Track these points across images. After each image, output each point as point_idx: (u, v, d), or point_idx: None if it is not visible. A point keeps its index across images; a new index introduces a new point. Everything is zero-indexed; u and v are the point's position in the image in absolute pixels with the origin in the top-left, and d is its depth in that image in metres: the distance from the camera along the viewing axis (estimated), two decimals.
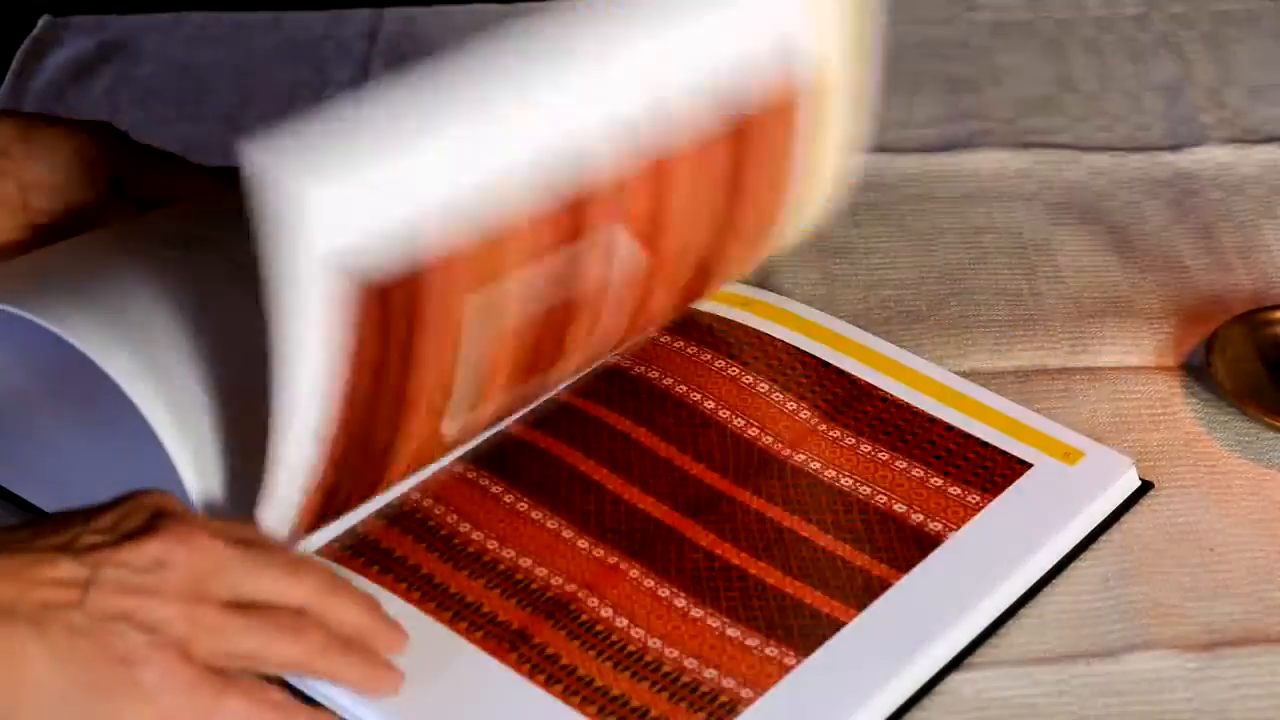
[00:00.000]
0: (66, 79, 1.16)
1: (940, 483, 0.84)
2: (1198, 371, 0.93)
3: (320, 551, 0.80)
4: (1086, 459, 0.85)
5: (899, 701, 0.75)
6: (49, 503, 0.83)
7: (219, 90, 1.16)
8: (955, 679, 0.77)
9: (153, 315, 0.77)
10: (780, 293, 0.97)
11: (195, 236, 0.82)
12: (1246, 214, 1.04)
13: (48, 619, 0.66)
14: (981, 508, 0.83)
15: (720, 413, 0.88)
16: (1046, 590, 0.81)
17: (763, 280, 0.99)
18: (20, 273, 0.81)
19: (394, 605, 0.77)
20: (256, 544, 0.71)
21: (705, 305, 0.94)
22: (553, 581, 0.79)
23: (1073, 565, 0.82)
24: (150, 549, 0.68)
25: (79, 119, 0.89)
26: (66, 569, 0.67)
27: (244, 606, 0.70)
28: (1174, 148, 1.10)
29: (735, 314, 0.94)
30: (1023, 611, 0.80)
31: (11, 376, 0.89)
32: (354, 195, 0.67)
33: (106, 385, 0.75)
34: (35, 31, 1.20)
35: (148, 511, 0.70)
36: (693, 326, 0.93)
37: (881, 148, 1.10)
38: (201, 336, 0.77)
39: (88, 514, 0.70)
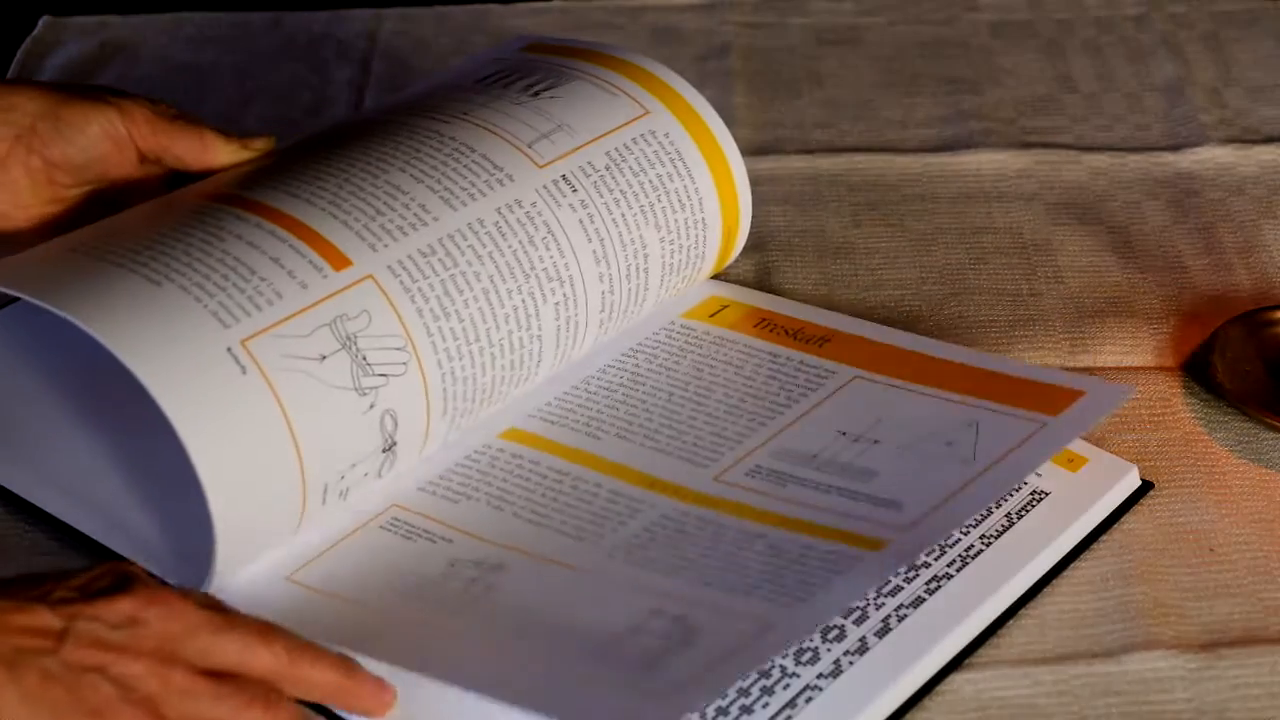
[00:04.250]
0: (67, 80, 1.16)
1: None
2: (1198, 371, 0.93)
3: None
4: (1090, 465, 0.85)
5: (900, 701, 0.75)
6: (50, 503, 0.83)
7: (219, 90, 1.16)
8: (956, 679, 0.77)
9: (175, 308, 0.77)
10: (780, 293, 0.97)
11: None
12: (1246, 214, 1.04)
13: (22, 663, 0.66)
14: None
15: None
16: (1047, 590, 0.81)
17: (762, 281, 0.99)
18: (45, 260, 0.80)
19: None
20: (225, 610, 0.71)
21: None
22: None
23: (1073, 565, 0.82)
24: (123, 607, 0.68)
25: (110, 91, 0.88)
26: (42, 618, 0.67)
27: (214, 674, 0.69)
28: (1174, 148, 1.10)
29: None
30: (1023, 611, 0.80)
31: (19, 371, 0.89)
32: None
33: (122, 380, 0.75)
34: (35, 32, 1.20)
35: (117, 575, 0.70)
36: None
37: (881, 148, 1.10)
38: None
39: (58, 575, 0.70)
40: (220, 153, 0.87)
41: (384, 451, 0.80)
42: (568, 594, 0.77)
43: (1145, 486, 0.86)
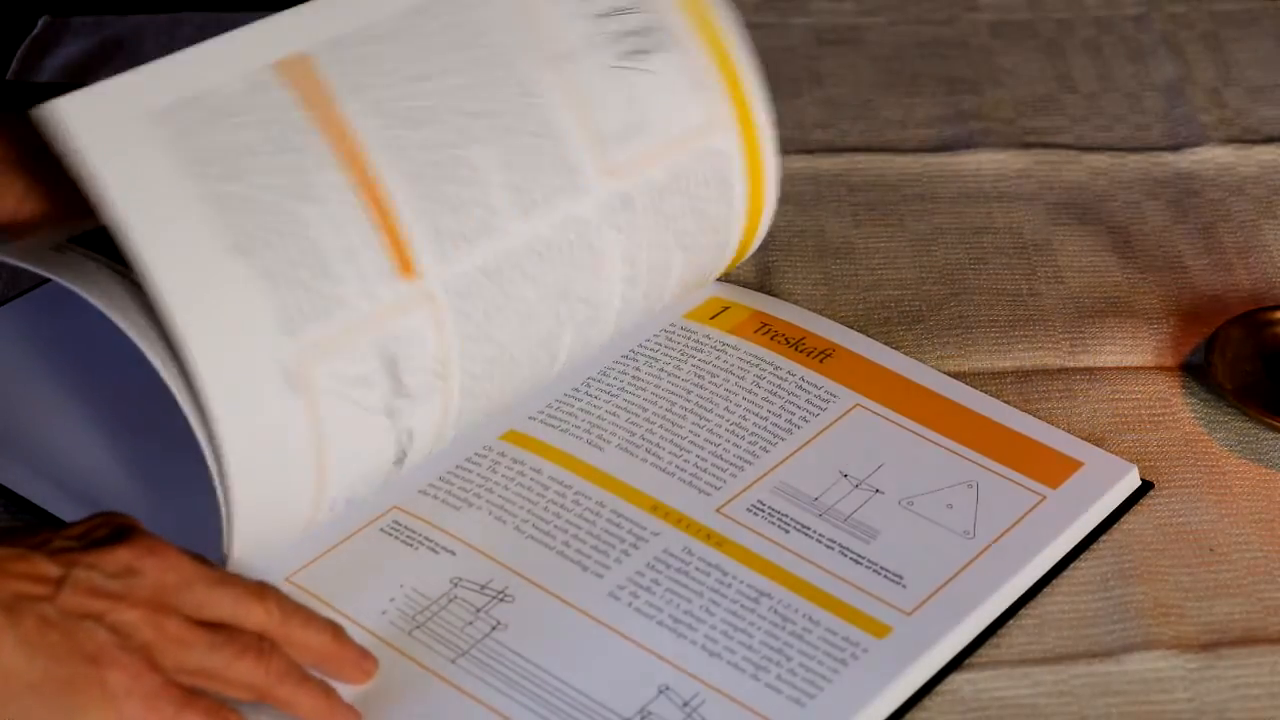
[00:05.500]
0: (66, 79, 1.16)
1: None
2: (1197, 371, 0.93)
3: None
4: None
5: (900, 701, 0.76)
6: (50, 502, 0.83)
7: None
8: (956, 679, 0.77)
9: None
10: (779, 293, 0.97)
11: None
12: (1246, 214, 1.04)
13: (21, 609, 0.67)
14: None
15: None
16: (1047, 590, 0.81)
17: (762, 281, 0.99)
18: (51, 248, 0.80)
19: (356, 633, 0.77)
20: (219, 569, 0.72)
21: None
22: None
23: (1073, 565, 0.82)
24: (121, 556, 0.69)
25: None
26: (41, 565, 0.68)
27: (208, 625, 0.70)
28: (1174, 148, 1.10)
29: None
30: (1023, 612, 0.80)
31: (18, 369, 0.89)
32: None
33: (127, 378, 0.75)
34: (35, 32, 1.20)
35: (114, 526, 0.71)
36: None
37: (881, 148, 1.10)
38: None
39: (56, 526, 0.71)
40: None
41: (394, 464, 0.80)
42: (574, 650, 0.77)
43: (1145, 486, 0.86)
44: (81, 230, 0.79)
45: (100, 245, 0.77)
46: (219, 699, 0.70)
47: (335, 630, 0.74)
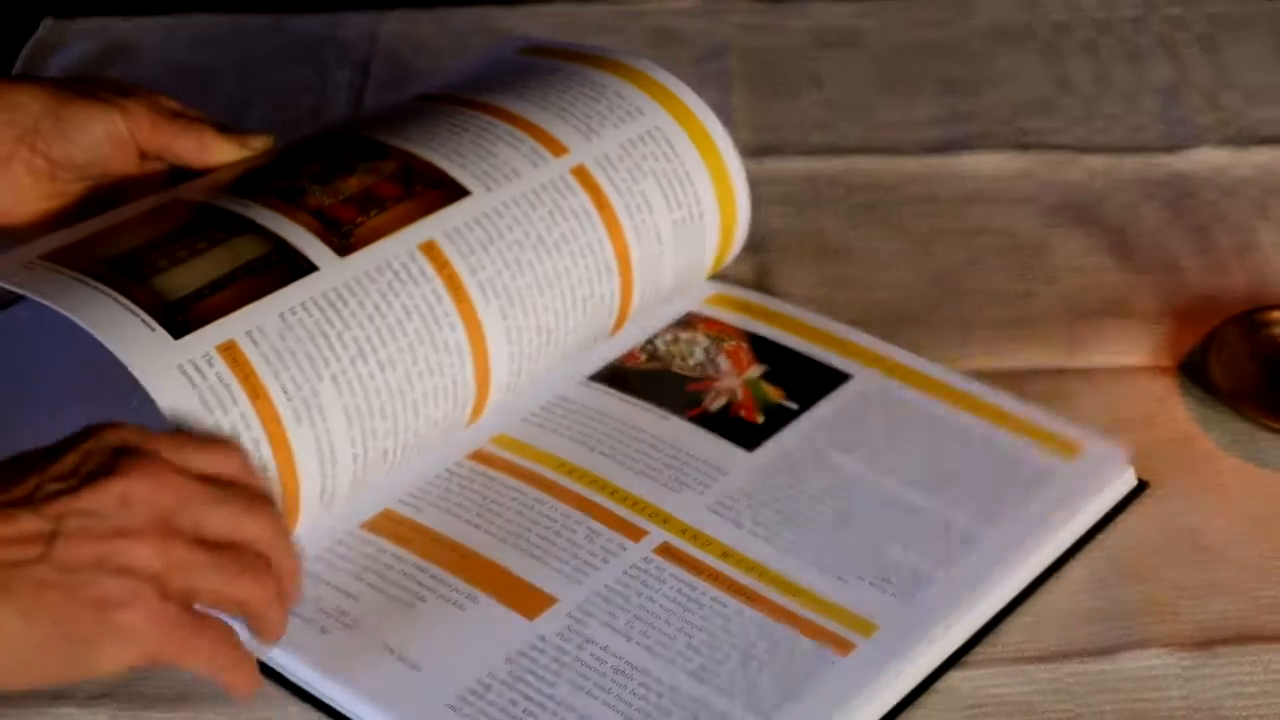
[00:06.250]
0: None
1: None
2: (1193, 372, 0.93)
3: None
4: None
5: (897, 699, 0.76)
6: None
7: (220, 92, 1.16)
8: (952, 677, 0.78)
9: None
10: (778, 294, 0.98)
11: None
12: (1242, 215, 1.04)
13: (12, 578, 0.65)
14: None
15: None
16: (1042, 589, 0.81)
17: (760, 282, 0.99)
18: (46, 260, 0.80)
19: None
20: (215, 478, 0.70)
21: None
22: None
23: (1068, 564, 0.82)
24: (114, 488, 0.67)
25: (113, 87, 0.89)
26: (28, 523, 0.66)
27: (208, 543, 0.69)
28: (1170, 149, 1.10)
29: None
30: (1019, 610, 0.80)
31: (18, 371, 0.89)
32: None
33: (123, 380, 0.75)
34: (38, 34, 1.21)
35: (109, 449, 0.68)
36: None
37: (881, 149, 1.10)
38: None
39: (47, 457, 0.68)
40: (219, 152, 0.88)
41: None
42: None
43: (1141, 486, 0.86)
44: (49, 249, 0.80)
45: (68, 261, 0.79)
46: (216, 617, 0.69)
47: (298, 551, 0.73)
